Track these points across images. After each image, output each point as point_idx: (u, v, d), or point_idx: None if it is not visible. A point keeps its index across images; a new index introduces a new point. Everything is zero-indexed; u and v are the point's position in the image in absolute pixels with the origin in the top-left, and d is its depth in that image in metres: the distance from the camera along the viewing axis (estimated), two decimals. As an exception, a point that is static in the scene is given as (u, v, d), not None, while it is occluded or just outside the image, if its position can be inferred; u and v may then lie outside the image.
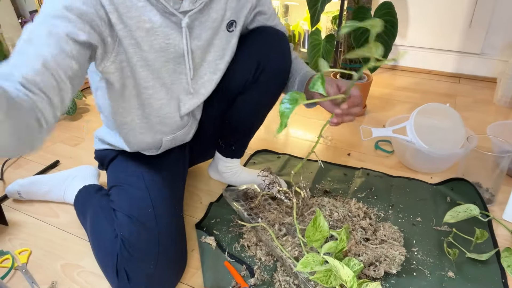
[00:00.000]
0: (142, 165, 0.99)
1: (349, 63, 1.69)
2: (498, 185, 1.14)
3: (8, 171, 1.37)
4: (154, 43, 0.79)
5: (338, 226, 0.99)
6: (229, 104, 1.05)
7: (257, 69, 0.95)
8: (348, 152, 1.47)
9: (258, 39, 0.95)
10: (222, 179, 1.24)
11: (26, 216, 1.13)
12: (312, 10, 1.53)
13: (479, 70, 2.22)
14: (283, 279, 0.88)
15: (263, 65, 0.94)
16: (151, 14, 0.75)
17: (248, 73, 0.95)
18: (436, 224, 1.07)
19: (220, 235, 1.04)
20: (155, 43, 0.79)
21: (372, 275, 0.87)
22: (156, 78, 0.84)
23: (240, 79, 0.97)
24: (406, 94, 2.04)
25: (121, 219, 0.87)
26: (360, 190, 1.21)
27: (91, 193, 1.05)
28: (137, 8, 0.73)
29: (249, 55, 0.94)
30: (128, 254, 0.82)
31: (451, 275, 0.90)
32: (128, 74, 0.81)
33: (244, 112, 1.05)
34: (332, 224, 0.99)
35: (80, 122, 1.74)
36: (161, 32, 0.78)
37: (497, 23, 2.08)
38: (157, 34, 0.78)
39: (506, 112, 1.81)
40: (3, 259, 0.97)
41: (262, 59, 0.94)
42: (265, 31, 0.96)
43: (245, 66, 0.95)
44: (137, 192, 0.92)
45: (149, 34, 0.77)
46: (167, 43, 0.80)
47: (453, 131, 1.30)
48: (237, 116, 1.06)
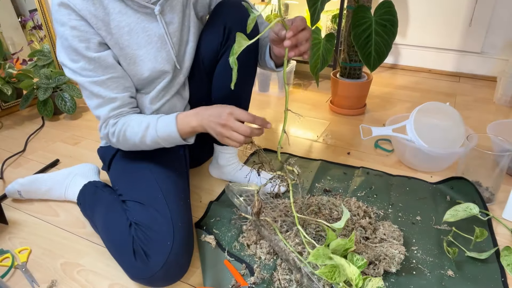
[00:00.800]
0: (145, 156, 1.02)
1: (349, 62, 1.69)
2: (498, 184, 1.14)
3: (8, 170, 1.37)
4: (138, 40, 0.92)
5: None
6: (211, 80, 1.09)
7: (224, 29, 1.02)
8: (348, 150, 1.47)
9: (219, 8, 1.04)
10: (223, 175, 1.25)
11: (26, 214, 1.14)
12: (312, 9, 1.52)
13: (479, 69, 2.22)
14: (283, 278, 0.88)
15: (229, 24, 1.01)
16: (125, 17, 0.89)
17: (218, 35, 1.02)
18: (435, 222, 1.07)
19: (219, 233, 1.04)
20: (140, 40, 0.92)
21: (372, 274, 0.87)
22: (150, 60, 0.96)
23: (214, 44, 1.03)
24: (406, 93, 2.04)
25: (133, 206, 0.92)
26: (360, 189, 1.21)
27: (98, 188, 1.07)
28: (114, 17, 0.88)
29: (216, 22, 1.03)
30: (145, 236, 0.85)
31: (450, 273, 0.90)
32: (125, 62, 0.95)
33: (226, 82, 1.06)
34: (332, 223, 0.99)
35: (80, 121, 1.74)
36: (139, 28, 0.92)
37: (497, 22, 2.08)
38: (137, 32, 0.92)
39: (506, 111, 1.81)
40: (3, 258, 0.97)
41: (227, 20, 1.01)
42: (225, 2, 1.04)
43: (214, 30, 1.03)
44: (145, 180, 0.96)
45: (130, 35, 0.91)
46: (148, 35, 0.93)
47: (453, 130, 1.30)
48: (220, 89, 1.08)
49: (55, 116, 1.79)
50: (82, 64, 0.88)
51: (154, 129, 0.91)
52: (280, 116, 1.77)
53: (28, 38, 1.98)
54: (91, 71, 0.89)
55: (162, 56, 0.97)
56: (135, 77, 0.97)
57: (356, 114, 1.77)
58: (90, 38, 0.87)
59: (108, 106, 0.92)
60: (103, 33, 0.88)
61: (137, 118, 0.94)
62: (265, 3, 2.35)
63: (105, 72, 0.90)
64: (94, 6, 0.85)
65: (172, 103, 1.06)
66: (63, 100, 1.70)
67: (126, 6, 0.89)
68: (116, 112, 0.93)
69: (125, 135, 0.93)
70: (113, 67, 0.91)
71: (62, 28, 0.85)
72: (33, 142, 1.56)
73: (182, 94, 1.09)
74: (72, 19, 0.84)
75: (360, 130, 1.51)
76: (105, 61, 0.89)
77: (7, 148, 1.52)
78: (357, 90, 1.72)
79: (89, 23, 0.86)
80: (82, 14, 0.84)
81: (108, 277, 0.92)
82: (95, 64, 0.89)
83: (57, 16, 0.85)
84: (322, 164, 1.36)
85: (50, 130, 1.67)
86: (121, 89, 0.93)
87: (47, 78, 1.73)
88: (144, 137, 0.92)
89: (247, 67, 1.06)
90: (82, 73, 0.89)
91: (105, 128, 0.95)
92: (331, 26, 2.36)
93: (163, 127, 0.91)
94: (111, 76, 0.91)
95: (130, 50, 0.92)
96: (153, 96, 1.00)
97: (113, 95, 0.91)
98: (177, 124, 0.90)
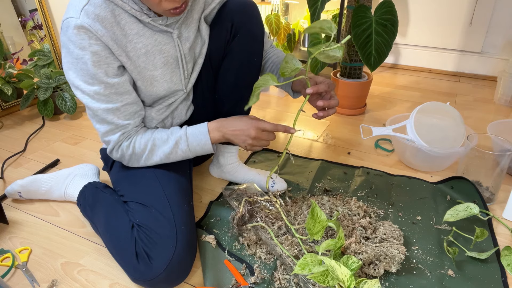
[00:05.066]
0: None
1: (349, 62, 1.69)
2: (498, 184, 1.14)
3: (8, 169, 1.37)
4: (155, 62, 0.92)
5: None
6: (216, 77, 1.09)
7: (232, 27, 1.02)
8: (348, 150, 1.47)
9: (227, 6, 1.03)
10: (223, 174, 1.25)
11: (27, 214, 1.14)
12: (312, 9, 1.53)
13: (479, 69, 2.22)
14: (283, 278, 0.88)
15: (236, 21, 1.01)
16: (143, 38, 0.88)
17: (225, 32, 1.02)
18: (436, 222, 1.07)
19: (220, 233, 1.04)
20: (156, 62, 0.92)
21: (372, 273, 0.87)
22: (161, 81, 0.97)
23: (220, 41, 1.03)
24: (406, 93, 2.04)
25: (136, 208, 0.91)
26: (360, 189, 1.21)
27: (99, 189, 1.07)
28: (131, 38, 0.87)
29: (223, 20, 1.02)
30: (147, 238, 0.85)
31: (451, 273, 0.90)
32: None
33: (229, 79, 1.07)
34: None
35: (81, 121, 1.74)
36: (156, 51, 0.91)
37: (497, 22, 2.08)
38: (153, 54, 0.91)
39: (506, 111, 1.81)
40: (4, 258, 0.97)
41: (234, 18, 1.01)
42: (232, 1, 1.04)
43: (222, 27, 1.02)
44: (148, 182, 0.96)
45: (147, 56, 0.90)
46: (165, 56, 0.93)
47: (453, 130, 1.30)
48: (224, 86, 1.09)
49: (56, 116, 1.79)
50: (97, 88, 0.85)
51: (186, 145, 0.96)
52: (280, 116, 1.77)
53: (28, 38, 1.98)
54: (106, 96, 0.87)
55: (177, 77, 0.98)
56: (151, 97, 0.97)
57: (356, 114, 1.77)
58: (110, 63, 0.85)
59: (119, 132, 0.92)
60: (123, 59, 0.87)
61: (159, 136, 0.95)
62: (265, 3, 2.35)
63: (119, 99, 0.89)
64: (112, 30, 0.83)
65: (178, 111, 1.07)
66: (64, 100, 1.70)
67: (144, 27, 0.88)
68: (126, 135, 0.94)
69: (151, 154, 0.95)
70: (129, 93, 0.90)
71: (81, 52, 0.82)
72: (34, 142, 1.56)
73: (187, 100, 1.09)
74: (93, 44, 0.81)
75: (360, 130, 1.51)
76: (122, 87, 0.88)
77: (7, 148, 1.52)
78: (357, 90, 1.72)
79: (110, 49, 0.84)
80: (103, 40, 0.82)
81: (108, 277, 0.92)
82: (111, 90, 0.87)
83: (75, 40, 0.81)
84: (322, 164, 1.36)
85: (51, 130, 1.67)
86: (133, 115, 0.93)
87: (47, 78, 1.73)
88: (173, 154, 0.96)
89: (251, 67, 1.06)
90: (95, 97, 0.86)
91: (117, 152, 0.95)
92: (331, 26, 2.36)
93: (195, 143, 0.96)
94: (125, 103, 0.90)
95: (147, 71, 0.92)
96: (161, 109, 1.01)
97: (126, 122, 0.91)
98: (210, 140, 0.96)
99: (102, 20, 0.81)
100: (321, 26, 0.87)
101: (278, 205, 0.99)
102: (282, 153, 1.42)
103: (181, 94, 1.03)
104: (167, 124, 1.07)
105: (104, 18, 0.81)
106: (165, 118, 1.05)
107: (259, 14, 1.05)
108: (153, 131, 0.96)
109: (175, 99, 1.03)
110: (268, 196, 1.02)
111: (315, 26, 0.88)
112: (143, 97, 0.97)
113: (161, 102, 1.01)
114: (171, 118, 1.07)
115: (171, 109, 1.04)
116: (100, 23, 0.81)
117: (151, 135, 0.95)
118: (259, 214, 0.99)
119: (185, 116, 1.10)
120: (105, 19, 0.82)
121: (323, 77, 0.99)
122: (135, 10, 0.84)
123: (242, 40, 1.03)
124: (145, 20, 0.86)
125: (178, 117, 1.08)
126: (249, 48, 1.04)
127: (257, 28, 1.03)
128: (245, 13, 1.02)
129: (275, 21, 2.26)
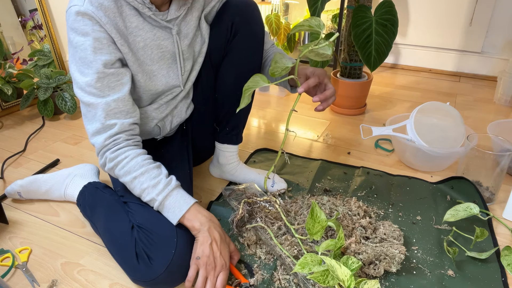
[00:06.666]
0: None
1: (349, 61, 1.69)
2: (498, 184, 1.14)
3: (9, 169, 1.37)
4: (152, 56, 0.92)
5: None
6: (216, 76, 1.10)
7: (232, 26, 1.02)
8: (348, 150, 1.47)
9: (227, 5, 1.04)
10: (223, 174, 1.25)
11: (27, 214, 1.14)
12: (312, 9, 1.53)
13: (479, 69, 2.22)
14: (283, 278, 0.88)
15: (236, 20, 1.02)
16: (142, 32, 0.88)
17: (226, 31, 1.03)
18: (436, 222, 1.07)
19: (220, 233, 1.04)
20: (153, 56, 0.92)
21: (372, 273, 0.87)
22: (157, 76, 0.97)
23: (220, 40, 1.04)
24: (406, 93, 2.04)
25: (136, 208, 0.91)
26: (360, 189, 1.21)
27: (98, 189, 1.06)
28: (131, 31, 0.87)
29: (223, 19, 1.03)
30: (148, 239, 0.85)
31: (451, 273, 0.90)
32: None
33: (229, 78, 1.08)
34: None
35: (81, 121, 1.74)
36: (154, 45, 0.91)
37: (497, 22, 2.08)
38: (151, 48, 0.91)
39: (506, 111, 1.81)
40: (4, 258, 0.97)
41: (234, 18, 1.02)
42: (232, 1, 1.05)
43: (222, 27, 1.03)
44: None
45: (145, 50, 0.90)
46: (162, 51, 0.94)
47: (453, 130, 1.30)
48: (224, 85, 1.09)
49: (56, 116, 1.79)
50: (89, 79, 0.83)
51: (162, 196, 0.86)
52: (280, 116, 1.77)
53: (28, 38, 1.97)
54: (97, 89, 0.84)
55: (174, 72, 0.98)
56: (150, 92, 0.97)
57: (356, 114, 1.77)
58: (112, 52, 0.84)
59: (105, 134, 0.86)
60: (125, 50, 0.86)
61: (153, 171, 0.87)
62: (265, 3, 2.35)
63: (111, 93, 0.85)
64: (115, 20, 0.83)
65: (178, 109, 1.07)
66: (64, 100, 1.70)
67: (144, 21, 0.88)
68: (111, 140, 0.86)
69: (130, 183, 0.88)
70: (122, 88, 0.87)
71: (82, 39, 0.81)
72: (34, 142, 1.56)
73: (187, 98, 1.10)
74: (96, 30, 0.81)
75: (360, 130, 1.51)
76: (116, 79, 0.85)
77: (7, 148, 1.52)
78: (357, 90, 1.72)
79: (112, 39, 0.84)
80: (106, 28, 0.81)
81: (108, 277, 0.92)
82: (103, 82, 0.84)
83: (78, 26, 0.80)
84: (322, 164, 1.36)
85: (51, 130, 1.67)
86: (124, 115, 0.88)
87: (47, 78, 1.73)
88: (147, 191, 0.86)
89: (252, 67, 1.07)
90: (87, 89, 0.84)
91: (100, 158, 0.89)
92: (331, 25, 2.36)
93: (172, 203, 0.87)
94: (116, 98, 0.85)
95: (146, 66, 0.92)
96: (160, 106, 1.02)
97: (113, 122, 0.86)
98: (186, 213, 0.86)
99: (105, 9, 0.82)
100: (310, 24, 0.88)
101: (277, 205, 0.99)
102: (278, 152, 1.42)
103: (179, 91, 1.03)
104: (167, 124, 1.07)
105: (107, 7, 0.82)
106: (165, 117, 1.05)
107: (259, 14, 1.05)
108: (149, 163, 0.88)
109: (174, 97, 1.03)
110: (267, 196, 1.02)
111: (303, 24, 0.89)
112: (142, 93, 0.97)
113: (160, 99, 1.01)
114: (171, 117, 1.07)
115: (171, 108, 1.04)
116: (104, 12, 0.81)
117: (142, 161, 0.88)
118: (258, 214, 0.99)
119: (185, 114, 1.11)
120: (108, 8, 0.82)
121: (313, 67, 0.99)
122: (137, 3, 0.84)
123: (242, 40, 1.03)
124: (146, 14, 0.87)
125: (178, 115, 1.08)
126: (249, 48, 1.05)
127: (257, 27, 1.04)
128: (245, 13, 1.02)
129: (275, 21, 2.26)
